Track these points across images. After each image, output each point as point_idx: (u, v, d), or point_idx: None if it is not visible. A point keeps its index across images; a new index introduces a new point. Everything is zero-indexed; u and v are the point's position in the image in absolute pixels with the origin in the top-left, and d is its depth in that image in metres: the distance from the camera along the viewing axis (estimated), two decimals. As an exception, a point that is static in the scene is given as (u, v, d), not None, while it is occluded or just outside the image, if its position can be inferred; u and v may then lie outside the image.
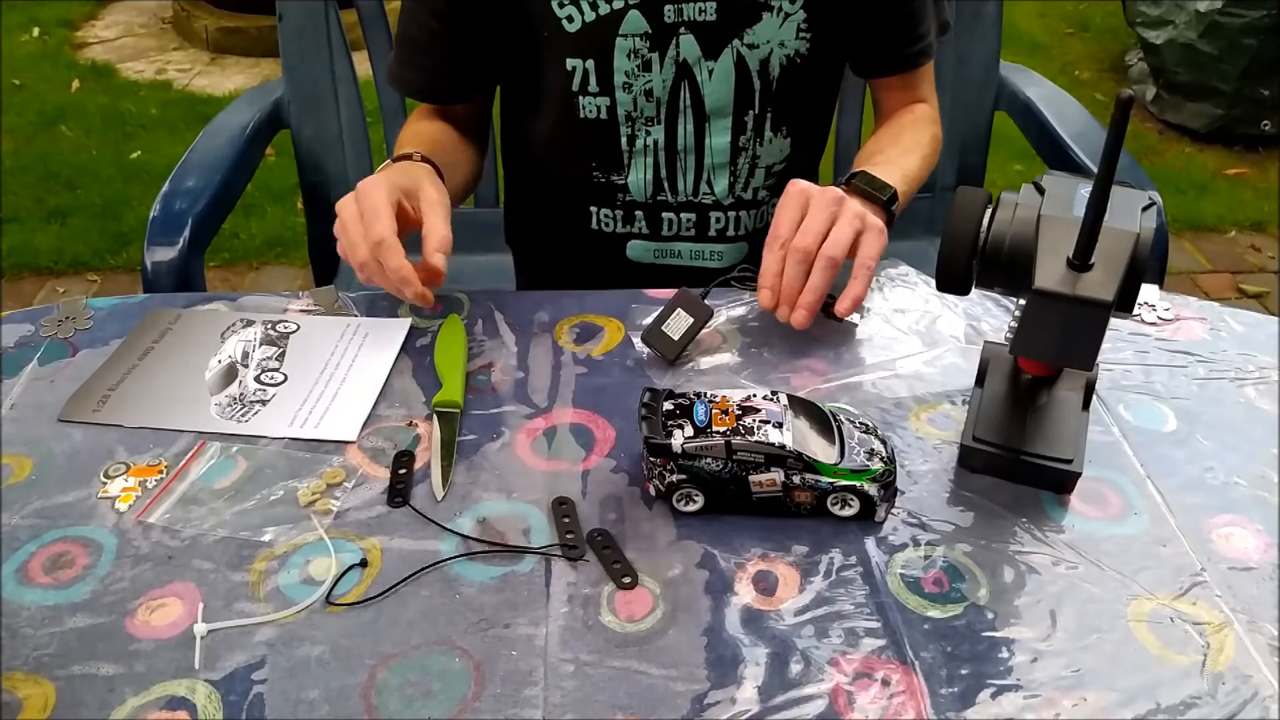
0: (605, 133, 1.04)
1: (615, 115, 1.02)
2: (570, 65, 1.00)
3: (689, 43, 0.99)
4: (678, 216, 1.09)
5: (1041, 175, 0.73)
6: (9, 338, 0.90)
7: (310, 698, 0.60)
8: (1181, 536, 0.71)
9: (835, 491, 0.71)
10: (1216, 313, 0.94)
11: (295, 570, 0.68)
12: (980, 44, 1.44)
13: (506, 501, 0.74)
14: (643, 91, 1.01)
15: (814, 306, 0.85)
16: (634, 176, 1.06)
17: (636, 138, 1.04)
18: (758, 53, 1.01)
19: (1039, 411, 0.77)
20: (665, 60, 1.00)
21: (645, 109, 1.02)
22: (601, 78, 1.01)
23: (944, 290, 0.74)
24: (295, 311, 0.93)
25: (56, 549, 0.69)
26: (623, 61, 1.00)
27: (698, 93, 1.02)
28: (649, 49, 0.99)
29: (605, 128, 1.04)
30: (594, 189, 1.08)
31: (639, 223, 1.10)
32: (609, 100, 1.02)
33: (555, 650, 0.63)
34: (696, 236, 1.10)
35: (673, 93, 1.02)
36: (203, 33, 3.64)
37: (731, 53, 1.00)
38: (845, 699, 0.60)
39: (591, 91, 1.02)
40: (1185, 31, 3.05)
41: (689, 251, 1.11)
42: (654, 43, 0.99)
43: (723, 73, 1.01)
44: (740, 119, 1.04)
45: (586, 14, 0.98)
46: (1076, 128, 1.38)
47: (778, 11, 0.99)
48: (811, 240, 0.84)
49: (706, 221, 1.09)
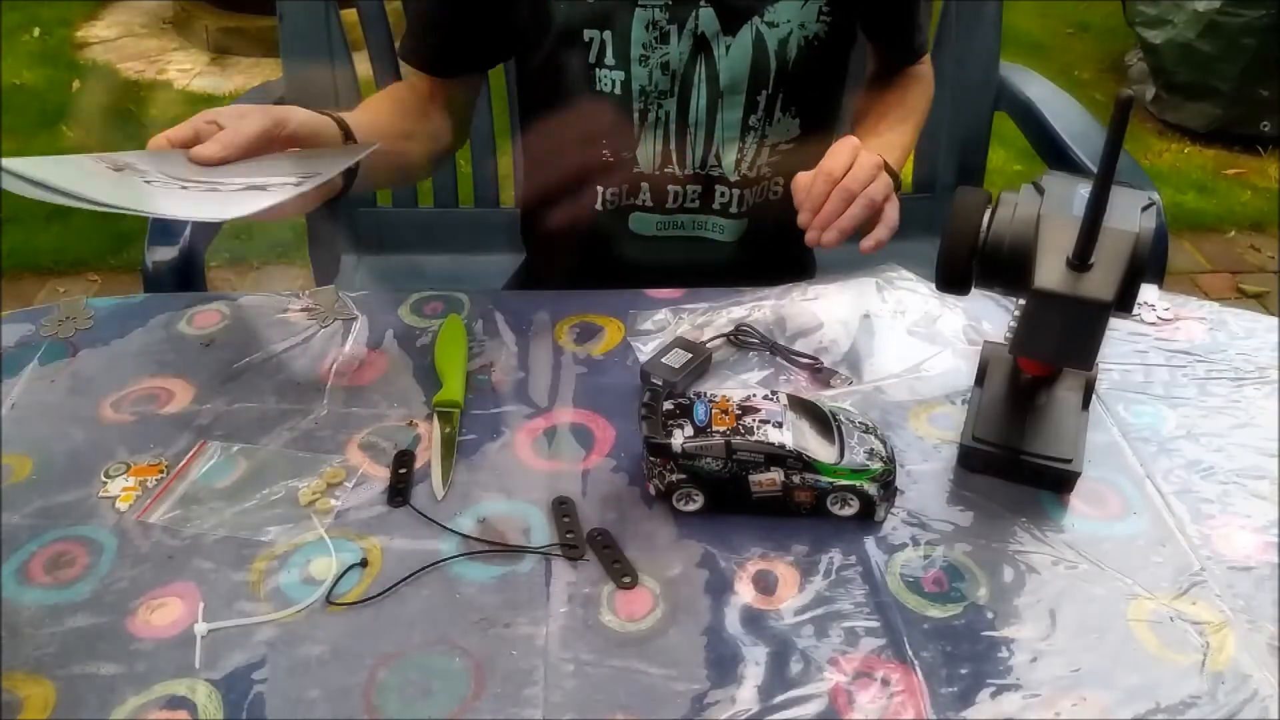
0: (619, 107, 1.03)
1: (629, 89, 1.02)
2: (588, 36, 1.00)
3: (709, 16, 0.99)
4: (684, 189, 1.08)
5: (1041, 175, 0.73)
6: (9, 338, 0.90)
7: (310, 697, 0.60)
8: (1181, 536, 0.71)
9: (835, 491, 0.71)
10: (1216, 313, 0.94)
11: (295, 570, 0.68)
12: (980, 44, 1.44)
13: (506, 501, 0.74)
14: (659, 64, 1.00)
15: (847, 232, 0.89)
16: (643, 149, 1.06)
17: (649, 111, 1.03)
18: (777, 32, 1.00)
19: (1039, 411, 0.77)
20: (684, 33, 0.99)
21: (660, 82, 1.01)
22: (618, 50, 1.00)
23: (944, 290, 0.74)
24: (295, 311, 0.93)
25: (57, 549, 0.69)
26: (640, 33, 0.99)
27: (713, 67, 1.01)
28: (668, 20, 0.99)
29: (619, 102, 1.03)
30: (602, 167, 1.07)
31: (643, 195, 1.09)
32: (624, 74, 1.01)
33: (555, 650, 0.63)
34: (701, 208, 1.10)
35: (688, 66, 1.01)
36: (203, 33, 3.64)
37: (750, 29, 1.00)
38: (845, 698, 0.60)
39: (608, 64, 1.01)
40: (1184, 31, 3.05)
41: (692, 223, 1.10)
42: (673, 14, 0.98)
43: (740, 49, 1.00)
44: (753, 98, 1.03)
45: None
46: (1076, 128, 1.38)
47: None
48: (857, 185, 0.89)
49: (711, 194, 1.08)
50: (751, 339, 0.90)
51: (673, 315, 0.93)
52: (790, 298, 0.96)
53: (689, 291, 0.97)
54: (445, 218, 1.53)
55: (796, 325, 0.92)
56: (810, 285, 0.97)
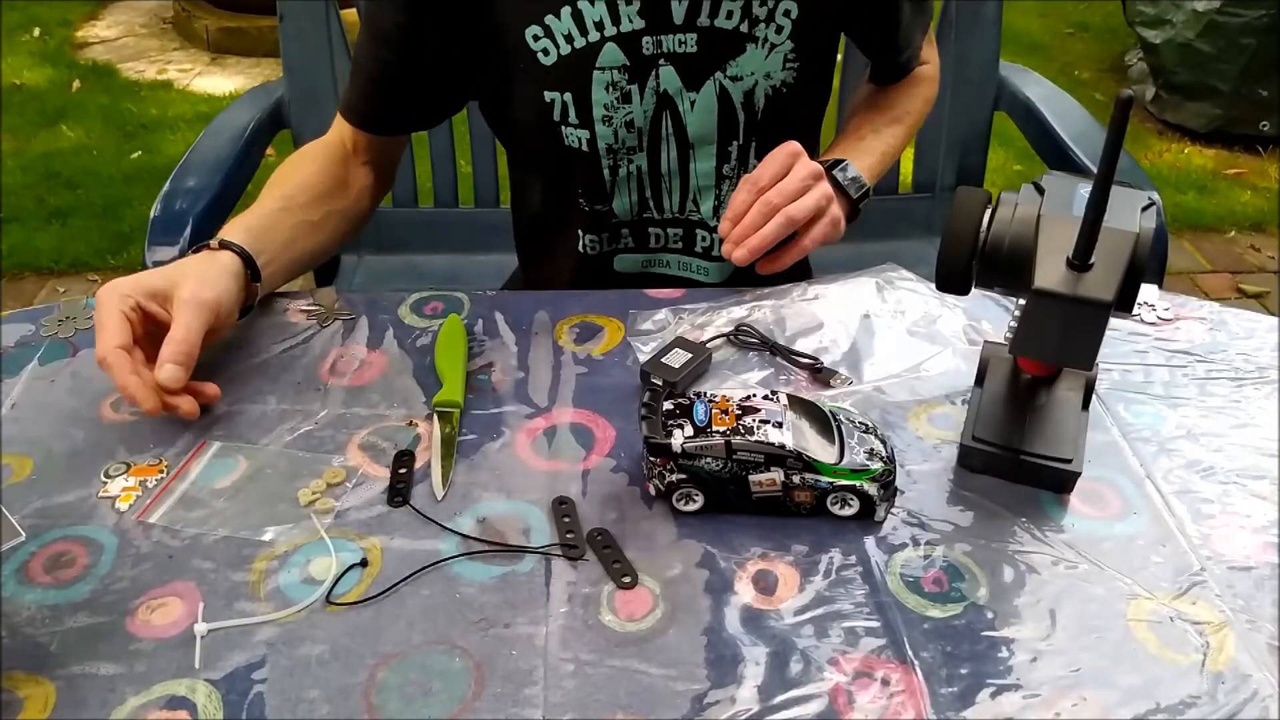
0: (588, 163, 1.02)
1: (596, 148, 1.00)
2: (549, 97, 0.98)
3: (669, 74, 0.97)
4: (664, 231, 1.07)
5: (1041, 175, 0.73)
6: (9, 338, 0.90)
7: (310, 697, 0.60)
8: (1181, 536, 0.71)
9: (835, 491, 0.71)
10: (1216, 313, 0.94)
11: (295, 570, 0.68)
12: (980, 44, 1.44)
13: (506, 501, 0.74)
14: (623, 123, 0.99)
15: (756, 251, 0.89)
16: (619, 202, 1.05)
17: (619, 167, 1.02)
18: (741, 84, 0.98)
19: (1038, 411, 0.78)
20: (645, 91, 0.98)
21: (627, 140, 1.00)
22: (580, 110, 0.98)
23: (944, 290, 0.74)
24: (295, 311, 0.93)
25: (57, 548, 0.69)
26: (601, 94, 0.97)
27: (680, 122, 1.00)
28: (628, 81, 0.97)
29: (588, 159, 1.01)
30: (582, 216, 1.06)
31: (625, 240, 1.08)
32: (589, 133, 0.99)
33: (555, 650, 0.63)
34: (684, 250, 1.08)
35: (654, 122, 1.00)
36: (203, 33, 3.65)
37: (714, 84, 0.98)
38: (845, 698, 0.60)
39: (572, 123, 0.99)
40: (1184, 31, 3.05)
41: (677, 263, 1.10)
42: (632, 74, 0.97)
43: (705, 103, 0.99)
44: (724, 148, 1.02)
45: (562, 47, 0.95)
46: (1076, 128, 1.38)
47: (763, 43, 0.97)
48: (780, 199, 0.90)
49: (693, 238, 1.08)
50: (751, 339, 0.90)
51: (673, 315, 0.93)
52: (790, 298, 0.96)
53: (689, 292, 0.97)
54: (445, 218, 1.53)
55: (796, 325, 0.92)
56: (810, 285, 0.97)
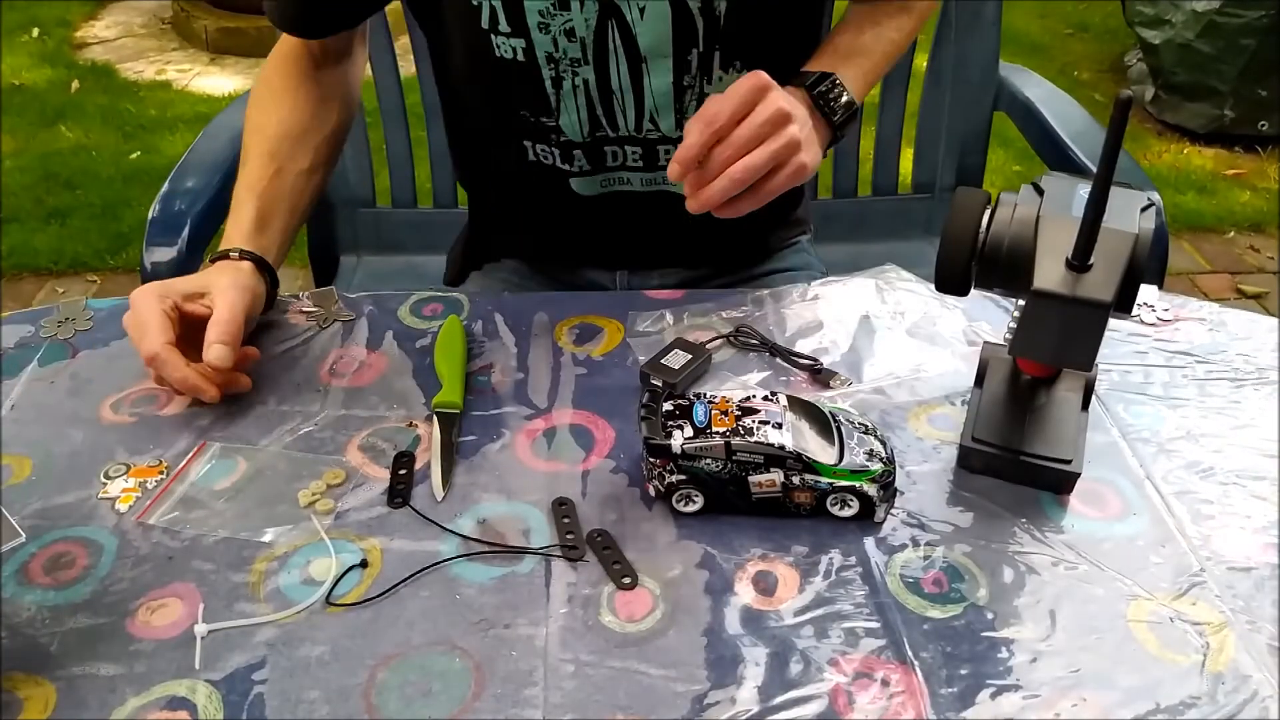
0: (526, 74, 0.93)
1: (534, 57, 0.91)
2: (475, 1, 0.89)
3: None
4: (622, 149, 0.98)
5: (1041, 175, 0.73)
6: (9, 338, 0.90)
7: (310, 698, 0.60)
8: (1181, 537, 0.71)
9: (835, 492, 0.71)
10: (1216, 313, 0.94)
11: (295, 571, 0.68)
12: (980, 44, 1.44)
13: (506, 502, 0.74)
14: (562, 30, 0.89)
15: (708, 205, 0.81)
16: (566, 119, 0.95)
17: (563, 79, 0.92)
18: None
19: (1038, 412, 0.78)
20: None
21: (569, 50, 0.90)
22: (512, 16, 0.89)
23: (943, 291, 0.74)
24: (294, 312, 0.93)
25: (57, 549, 0.69)
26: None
27: (629, 32, 0.90)
28: None
29: (525, 69, 0.92)
30: (525, 127, 0.97)
31: (579, 161, 0.99)
32: (524, 41, 0.90)
33: (555, 650, 0.63)
34: (645, 168, 0.99)
35: (599, 32, 0.90)
36: (203, 33, 3.64)
37: None
38: (845, 699, 0.60)
39: (504, 31, 0.90)
40: (1183, 31, 3.05)
41: (639, 179, 1.00)
42: None
43: (656, 12, 0.89)
44: (682, 58, 0.91)
45: None
46: (1076, 128, 1.38)
47: None
48: (732, 153, 0.80)
49: (655, 154, 0.98)
50: (751, 340, 0.90)
51: (672, 316, 0.93)
52: (790, 298, 0.96)
53: (689, 292, 0.97)
54: (445, 218, 1.53)
55: (796, 326, 0.92)
56: (810, 286, 0.97)
